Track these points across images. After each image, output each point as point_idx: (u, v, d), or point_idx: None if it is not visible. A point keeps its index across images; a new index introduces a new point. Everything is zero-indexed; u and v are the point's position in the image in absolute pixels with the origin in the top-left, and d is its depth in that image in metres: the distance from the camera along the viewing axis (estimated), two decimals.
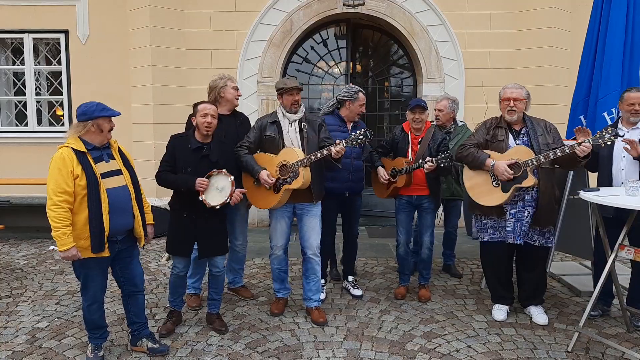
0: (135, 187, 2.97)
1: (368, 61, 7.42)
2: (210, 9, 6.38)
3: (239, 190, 3.25)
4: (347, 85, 4.21)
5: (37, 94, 6.82)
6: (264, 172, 3.43)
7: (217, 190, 3.24)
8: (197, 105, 3.32)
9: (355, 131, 3.93)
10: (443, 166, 3.61)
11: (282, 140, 3.52)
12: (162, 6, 6.21)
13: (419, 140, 3.91)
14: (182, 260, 3.39)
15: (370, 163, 4.13)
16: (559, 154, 3.22)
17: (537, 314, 3.61)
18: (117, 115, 2.88)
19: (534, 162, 3.29)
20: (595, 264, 3.82)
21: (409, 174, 3.84)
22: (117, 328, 3.49)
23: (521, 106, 3.45)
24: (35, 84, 6.80)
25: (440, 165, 3.61)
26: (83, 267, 2.83)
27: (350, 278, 4.25)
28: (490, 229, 3.60)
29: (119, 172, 2.90)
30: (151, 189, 5.84)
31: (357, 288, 4.17)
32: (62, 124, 6.80)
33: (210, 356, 3.11)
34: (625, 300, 3.49)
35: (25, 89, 6.79)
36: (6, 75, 6.93)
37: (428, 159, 3.66)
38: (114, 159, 2.92)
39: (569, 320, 3.62)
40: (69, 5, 6.49)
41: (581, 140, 3.13)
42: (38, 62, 6.84)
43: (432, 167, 3.62)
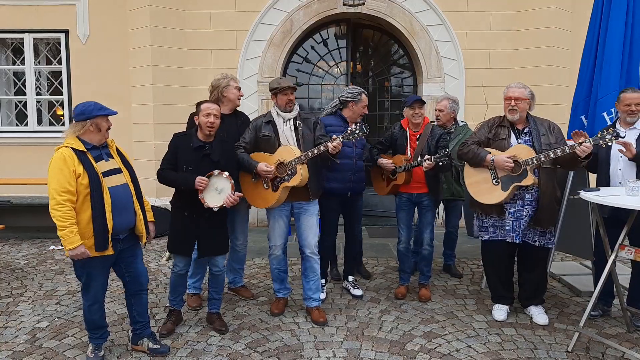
0: (135, 186, 2.98)
1: (368, 61, 7.42)
2: (211, 8, 6.38)
3: (236, 194, 3.24)
4: (350, 87, 4.20)
5: (38, 93, 6.83)
6: (261, 164, 3.43)
7: (216, 191, 3.24)
8: (200, 104, 3.32)
9: (362, 136, 3.94)
10: (442, 164, 3.62)
11: (278, 139, 3.53)
12: (163, 6, 6.21)
13: (417, 136, 3.93)
14: (183, 259, 3.39)
15: (369, 161, 4.13)
16: (559, 154, 3.21)
17: (537, 314, 3.61)
18: (114, 114, 2.89)
19: (534, 162, 3.29)
20: (595, 264, 3.82)
21: (408, 171, 3.85)
22: (117, 328, 3.49)
23: (523, 106, 3.44)
24: (36, 84, 6.80)
25: (439, 163, 3.61)
26: (85, 266, 2.82)
27: (351, 278, 4.25)
28: (490, 228, 3.61)
29: (118, 171, 2.90)
30: (152, 189, 5.87)
31: (357, 288, 4.17)
32: (63, 124, 6.80)
33: (210, 356, 3.11)
34: (625, 300, 3.49)
35: (25, 88, 6.79)
36: (6, 75, 6.94)
37: (427, 157, 3.67)
38: (113, 158, 2.92)
39: (569, 320, 3.63)
40: (69, 5, 6.49)
41: (581, 141, 3.13)
42: (38, 62, 6.84)
43: (431, 165, 3.63)
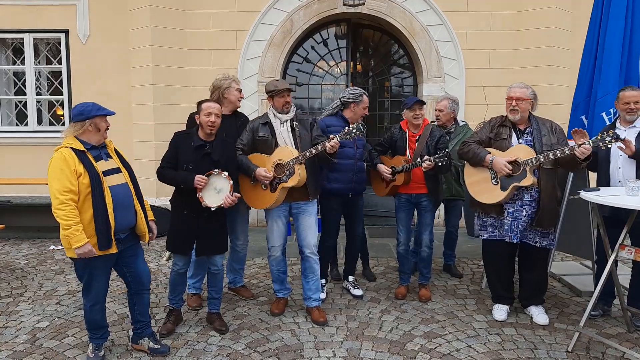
0: (134, 185, 2.98)
1: (368, 61, 7.42)
2: (211, 8, 6.38)
3: (234, 195, 3.24)
4: (351, 87, 4.21)
5: (38, 93, 6.83)
6: (260, 169, 3.44)
7: (215, 190, 3.24)
8: (201, 103, 3.32)
9: (359, 135, 3.94)
10: (441, 165, 3.63)
11: (275, 141, 3.54)
12: (163, 6, 6.21)
13: (417, 138, 3.93)
14: (183, 258, 3.40)
15: (369, 162, 4.13)
16: (559, 155, 3.21)
17: (537, 314, 3.61)
18: (113, 115, 2.89)
19: (534, 162, 3.29)
20: (596, 264, 3.82)
21: (407, 172, 3.85)
22: (117, 328, 3.49)
23: (524, 106, 3.44)
24: (36, 84, 6.80)
25: (438, 164, 3.62)
26: (87, 267, 2.82)
27: (351, 278, 4.25)
28: (489, 227, 3.62)
29: (118, 171, 2.91)
30: (152, 189, 5.88)
31: (358, 288, 4.17)
32: (63, 124, 6.80)
33: (210, 356, 3.11)
34: (625, 300, 3.49)
35: (25, 88, 6.79)
36: (6, 75, 6.94)
37: (426, 157, 3.67)
38: (112, 158, 2.93)
39: (569, 320, 3.62)
40: (70, 5, 6.49)
41: (581, 142, 3.13)
42: (38, 62, 6.84)
43: (430, 165, 3.64)
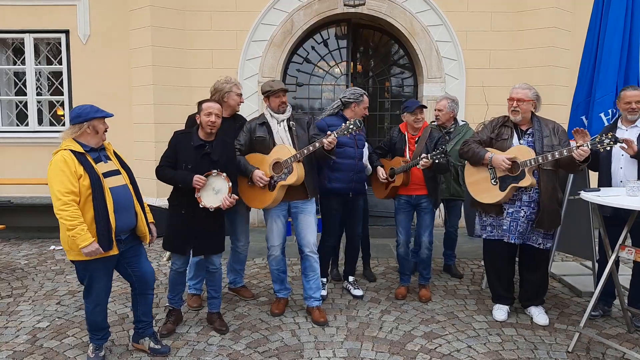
0: (134, 187, 2.99)
1: (369, 61, 7.42)
2: (211, 8, 6.38)
3: (233, 196, 3.24)
4: (351, 88, 4.22)
5: (38, 93, 6.83)
6: (257, 172, 3.46)
7: (214, 191, 3.24)
8: (201, 103, 3.32)
9: (356, 131, 3.94)
10: (438, 162, 3.63)
11: (273, 140, 3.55)
12: (163, 6, 6.21)
13: (416, 139, 3.94)
14: (181, 257, 3.40)
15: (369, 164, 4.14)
16: (557, 156, 3.22)
17: (537, 314, 3.61)
18: (111, 117, 2.90)
19: (532, 163, 3.29)
20: (597, 264, 3.82)
21: (406, 172, 3.86)
22: (117, 328, 3.49)
23: (525, 107, 3.43)
24: (36, 84, 6.80)
25: (435, 161, 3.62)
26: (88, 269, 2.82)
27: (351, 278, 4.25)
28: (489, 227, 3.63)
29: (117, 172, 2.92)
30: (152, 189, 5.88)
31: (358, 288, 4.17)
32: (63, 124, 6.80)
33: (210, 356, 3.11)
34: (626, 301, 3.49)
35: (26, 89, 6.79)
36: (7, 75, 6.94)
37: (423, 155, 3.68)
38: (111, 160, 2.94)
39: (569, 321, 3.62)
40: (70, 5, 6.49)
41: (579, 144, 3.13)
42: (39, 62, 6.84)
43: (428, 163, 3.64)
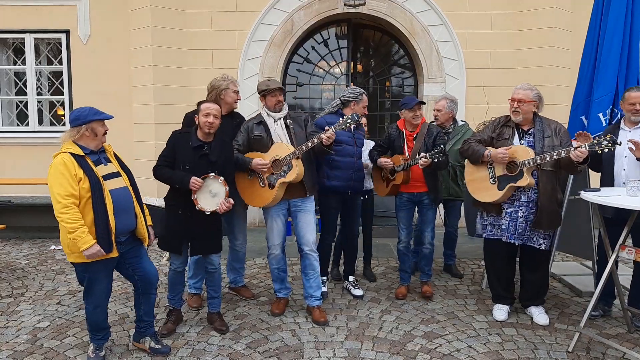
0: (134, 189, 2.99)
1: (369, 61, 7.42)
2: (211, 8, 6.38)
3: (229, 201, 3.24)
4: (351, 87, 4.23)
5: (39, 93, 6.83)
6: (256, 160, 3.46)
7: (210, 194, 3.24)
8: (200, 104, 3.33)
9: (356, 131, 3.95)
10: (437, 161, 3.64)
11: (271, 138, 3.56)
12: (163, 6, 6.21)
13: (414, 136, 3.95)
14: (179, 257, 3.40)
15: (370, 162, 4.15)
16: (555, 157, 3.22)
17: (537, 314, 3.61)
18: (110, 119, 2.90)
19: (530, 163, 3.29)
20: (597, 264, 3.82)
21: (406, 171, 3.87)
22: (118, 328, 3.50)
23: (526, 108, 3.42)
24: (37, 84, 6.80)
25: (434, 160, 3.63)
26: (88, 270, 2.83)
27: (351, 278, 4.25)
28: (489, 226, 3.64)
29: (117, 175, 2.92)
30: (152, 189, 5.88)
31: (358, 288, 4.17)
32: (63, 124, 6.80)
33: (211, 356, 3.11)
34: (626, 301, 3.49)
35: (26, 88, 6.80)
36: (7, 75, 6.94)
37: (422, 154, 3.69)
38: (111, 162, 2.94)
39: (569, 321, 3.62)
40: (70, 5, 6.50)
41: (577, 145, 3.13)
42: (39, 62, 6.85)
43: (427, 162, 3.65)
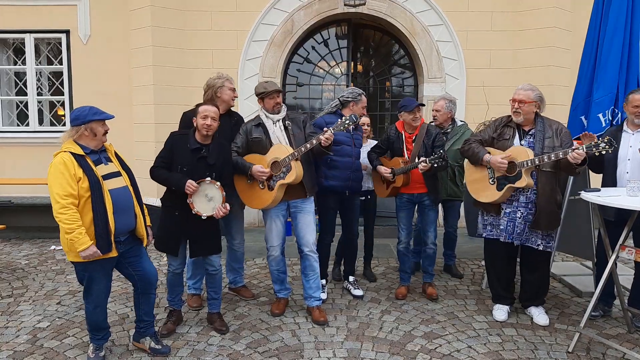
0: (134, 189, 2.99)
1: (369, 61, 7.42)
2: (212, 8, 6.39)
3: (226, 206, 3.23)
4: (350, 87, 4.24)
5: (39, 94, 6.84)
6: (256, 166, 3.46)
7: (207, 198, 3.23)
8: (198, 106, 3.32)
9: (354, 131, 3.95)
10: (437, 166, 3.64)
11: (269, 140, 3.56)
12: (164, 6, 6.22)
13: (413, 138, 3.95)
14: (176, 258, 3.39)
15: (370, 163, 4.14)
16: (553, 158, 3.22)
17: (537, 314, 3.61)
18: (111, 119, 2.89)
19: (529, 164, 3.29)
20: (597, 265, 3.82)
21: (406, 173, 3.87)
22: (118, 328, 3.50)
23: (527, 108, 3.42)
24: (37, 84, 6.81)
25: (434, 165, 3.64)
26: (87, 270, 2.83)
27: (351, 278, 4.25)
28: (489, 226, 3.65)
29: (118, 174, 2.92)
30: (152, 189, 5.86)
31: (358, 288, 4.17)
32: (64, 124, 6.80)
33: (211, 356, 3.11)
34: (626, 301, 3.49)
35: (26, 89, 6.80)
36: (7, 75, 6.95)
37: (422, 159, 3.69)
38: (112, 161, 2.94)
39: (569, 321, 3.62)
40: (70, 5, 6.50)
41: (575, 147, 3.13)
42: (39, 62, 6.85)
43: (427, 167, 3.66)
